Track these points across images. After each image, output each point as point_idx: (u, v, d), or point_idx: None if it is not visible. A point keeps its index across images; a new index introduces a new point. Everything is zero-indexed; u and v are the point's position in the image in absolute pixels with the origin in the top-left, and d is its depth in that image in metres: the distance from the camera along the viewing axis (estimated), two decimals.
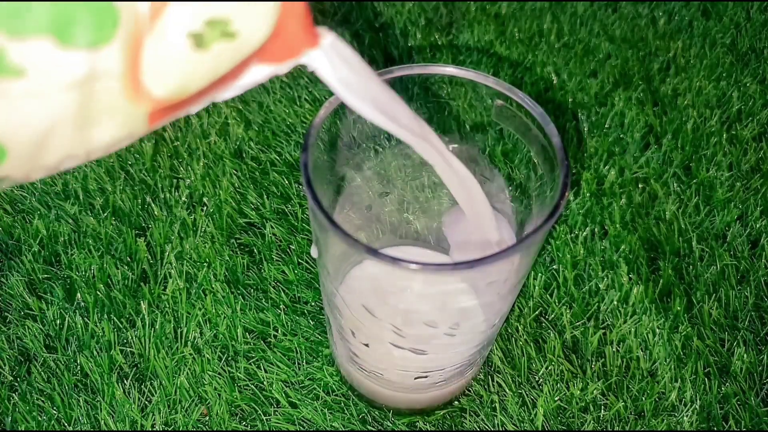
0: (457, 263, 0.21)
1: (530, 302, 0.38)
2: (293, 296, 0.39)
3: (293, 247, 0.40)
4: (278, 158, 0.45)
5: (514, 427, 0.34)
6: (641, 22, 0.55)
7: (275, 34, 0.17)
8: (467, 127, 0.28)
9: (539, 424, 0.34)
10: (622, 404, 0.34)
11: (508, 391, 0.35)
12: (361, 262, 0.30)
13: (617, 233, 0.41)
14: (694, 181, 0.44)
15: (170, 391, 0.35)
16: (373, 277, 0.25)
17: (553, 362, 0.36)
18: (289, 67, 0.18)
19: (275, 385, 0.35)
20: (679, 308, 0.38)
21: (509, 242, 0.29)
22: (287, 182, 0.44)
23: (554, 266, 0.40)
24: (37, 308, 0.38)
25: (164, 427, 0.34)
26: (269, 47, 0.17)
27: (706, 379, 0.35)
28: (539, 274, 0.39)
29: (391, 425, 0.34)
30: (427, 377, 0.31)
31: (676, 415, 0.34)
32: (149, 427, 0.34)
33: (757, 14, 0.56)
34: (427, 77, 0.26)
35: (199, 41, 0.15)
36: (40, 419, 0.34)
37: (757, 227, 0.42)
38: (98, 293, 0.38)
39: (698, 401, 0.35)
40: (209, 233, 0.41)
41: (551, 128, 0.24)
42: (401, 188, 0.32)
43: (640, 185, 0.44)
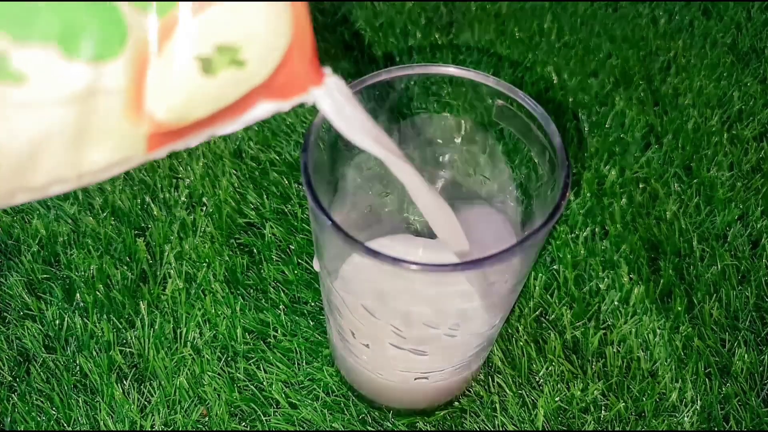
0: (457, 263, 0.21)
1: (531, 302, 0.38)
2: (293, 296, 0.38)
3: (293, 247, 0.40)
4: (278, 158, 0.45)
5: (514, 427, 0.34)
6: (642, 21, 0.55)
7: (282, 69, 0.17)
8: (467, 127, 0.28)
9: (540, 424, 0.34)
10: (622, 405, 0.34)
11: (508, 391, 0.35)
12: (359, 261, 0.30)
13: (618, 233, 0.41)
14: (694, 181, 0.44)
15: (170, 391, 0.35)
16: (372, 276, 0.25)
17: (553, 363, 0.36)
18: (292, 104, 0.18)
19: (275, 385, 0.35)
20: (679, 308, 0.38)
21: (509, 242, 0.29)
22: (287, 182, 0.44)
23: (555, 266, 0.40)
24: (36, 308, 0.37)
25: (163, 427, 0.34)
26: (275, 83, 0.17)
27: (706, 379, 0.35)
28: (540, 274, 0.39)
29: (391, 426, 0.34)
30: (427, 378, 0.31)
31: (676, 415, 0.34)
32: (149, 427, 0.34)
33: (757, 14, 0.55)
34: (427, 77, 0.26)
35: (207, 66, 0.15)
36: (39, 420, 0.34)
37: (757, 227, 0.41)
38: (97, 293, 0.38)
39: (699, 401, 0.35)
40: (209, 233, 0.41)
41: (552, 128, 0.24)
42: (401, 188, 0.32)
43: (640, 185, 0.44)
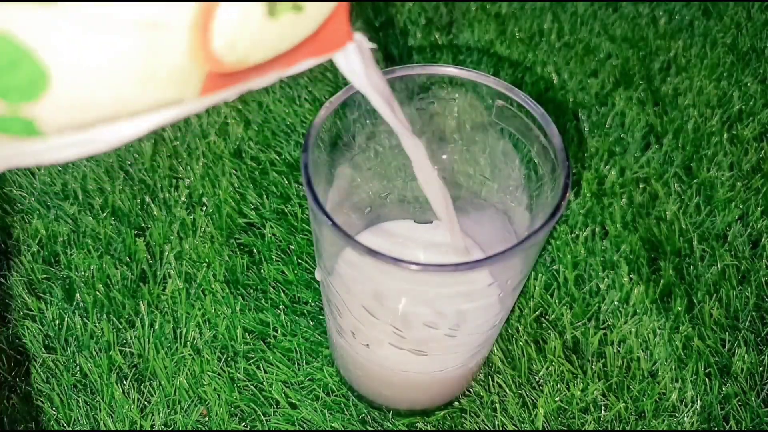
0: (457, 264, 0.21)
1: (530, 302, 0.38)
2: (293, 296, 0.38)
3: (293, 247, 0.40)
4: (278, 158, 0.45)
5: (514, 427, 0.34)
6: (642, 21, 0.55)
7: (329, 21, 0.17)
8: (468, 127, 0.28)
9: (540, 424, 0.34)
10: (622, 405, 0.34)
11: (508, 391, 0.35)
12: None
13: (618, 233, 0.41)
14: (694, 181, 0.44)
15: (169, 391, 0.35)
16: (372, 276, 0.25)
17: (553, 363, 0.36)
18: (325, 59, 0.19)
19: (275, 385, 0.35)
20: (679, 308, 0.38)
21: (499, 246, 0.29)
22: (287, 182, 0.43)
23: (555, 266, 0.40)
24: (36, 308, 0.37)
25: (163, 427, 0.34)
26: (319, 35, 0.17)
27: (706, 379, 0.35)
28: (539, 274, 0.39)
29: (391, 426, 0.34)
30: (427, 378, 0.31)
31: (676, 415, 0.34)
32: (148, 427, 0.34)
33: (757, 14, 0.55)
34: (428, 77, 0.26)
35: (272, 9, 0.15)
36: (39, 419, 0.34)
37: (758, 227, 0.41)
38: (97, 293, 0.38)
39: (699, 402, 0.35)
40: (208, 233, 0.41)
41: (552, 128, 0.24)
42: (401, 188, 0.32)
43: (640, 185, 0.44)
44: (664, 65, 0.52)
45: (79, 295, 0.38)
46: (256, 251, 0.40)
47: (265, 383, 0.35)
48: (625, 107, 0.48)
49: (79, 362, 0.36)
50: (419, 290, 0.25)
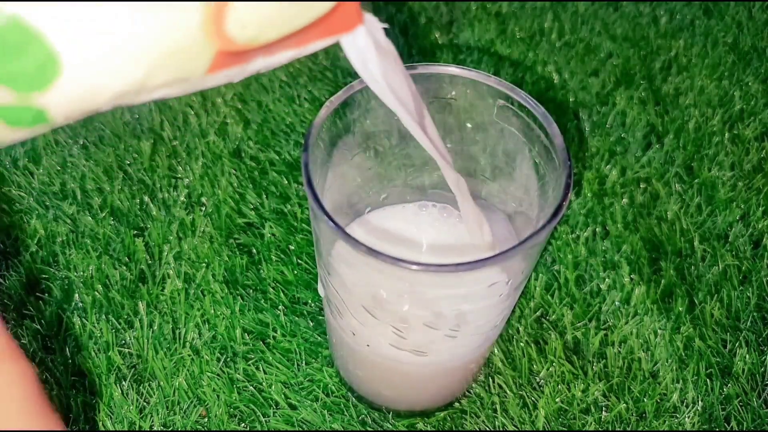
0: (458, 264, 0.21)
1: (531, 303, 0.38)
2: (292, 297, 0.38)
3: (292, 247, 0.40)
4: (277, 158, 0.45)
5: (514, 428, 0.34)
6: (643, 20, 0.55)
7: (342, 3, 0.17)
8: (468, 126, 0.28)
9: (540, 425, 0.34)
10: (623, 405, 0.34)
11: (508, 392, 0.35)
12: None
13: (619, 233, 0.41)
14: (696, 180, 0.44)
15: (168, 392, 0.35)
16: (372, 276, 0.24)
17: (554, 363, 0.36)
18: (334, 41, 0.18)
19: (274, 386, 0.35)
20: (680, 309, 0.38)
21: (508, 242, 0.29)
22: (286, 182, 0.43)
23: (555, 267, 0.39)
24: (35, 308, 0.37)
25: (162, 428, 0.34)
26: (331, 16, 0.17)
27: (707, 380, 0.35)
28: (540, 274, 0.39)
29: (390, 426, 0.34)
30: (428, 379, 0.31)
31: (677, 416, 0.34)
32: (147, 428, 0.34)
33: (759, 13, 0.55)
34: (428, 77, 0.26)
35: None
36: None
37: (759, 227, 0.41)
38: (96, 294, 0.38)
39: (700, 402, 0.34)
40: (208, 233, 0.41)
41: (554, 128, 0.24)
42: (401, 188, 0.31)
43: (641, 185, 0.44)
44: (665, 65, 0.51)
45: (77, 295, 0.38)
46: (255, 251, 0.40)
47: (264, 384, 0.35)
48: (626, 107, 0.48)
49: (77, 362, 0.35)
50: (419, 290, 0.25)
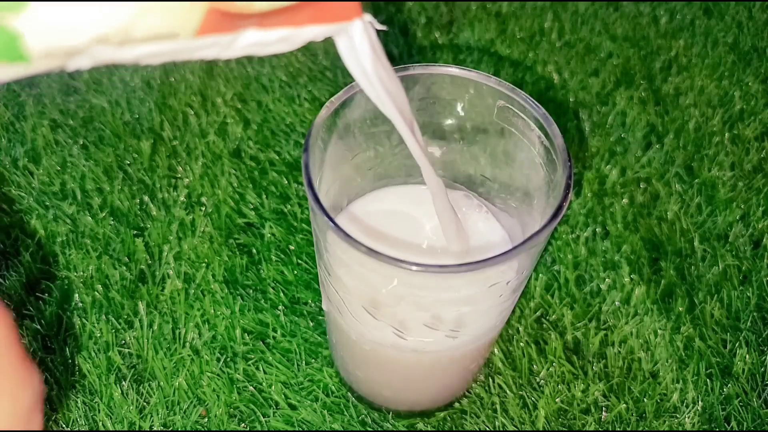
0: (459, 265, 0.21)
1: (531, 303, 0.38)
2: (292, 297, 0.38)
3: (292, 247, 0.40)
4: (277, 157, 0.45)
5: (515, 428, 0.34)
6: (643, 20, 0.55)
7: None
8: (468, 127, 0.28)
9: (540, 425, 0.34)
10: (623, 406, 0.34)
11: (509, 392, 0.35)
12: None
13: (619, 233, 0.41)
14: (696, 180, 0.44)
15: (168, 392, 0.35)
16: (373, 276, 0.24)
17: (554, 363, 0.36)
18: (331, 31, 0.18)
19: (274, 386, 0.35)
20: (680, 309, 0.38)
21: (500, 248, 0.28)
22: (286, 182, 0.43)
23: (555, 267, 0.39)
24: (34, 308, 0.37)
25: (162, 428, 0.34)
26: (327, 5, 0.17)
27: (707, 380, 0.35)
28: (540, 274, 0.39)
29: (390, 426, 0.34)
30: (428, 379, 0.31)
31: (677, 416, 0.34)
32: (147, 428, 0.34)
33: (759, 13, 0.55)
34: (428, 77, 0.26)
35: None
36: None
37: (759, 227, 0.41)
38: (96, 294, 0.38)
39: (700, 402, 0.34)
40: (208, 233, 0.41)
41: (554, 129, 0.23)
42: (403, 177, 0.31)
43: (641, 185, 0.43)
44: (665, 64, 0.51)
45: (77, 295, 0.38)
46: (255, 251, 0.40)
47: (264, 384, 0.35)
48: (626, 107, 0.48)
49: (77, 363, 0.35)
50: (419, 290, 0.25)
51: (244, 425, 0.34)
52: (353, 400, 0.35)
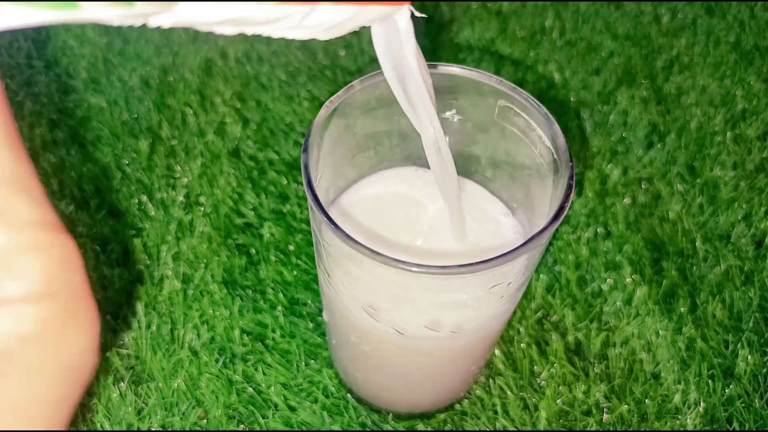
0: (460, 266, 0.21)
1: (532, 304, 0.38)
2: (292, 297, 0.38)
3: (291, 247, 0.40)
4: (276, 157, 0.44)
5: (515, 430, 0.34)
6: (644, 19, 0.54)
7: None
8: (469, 127, 0.27)
9: (541, 427, 0.34)
10: (625, 407, 0.34)
11: (509, 393, 0.35)
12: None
13: (620, 233, 0.41)
14: (698, 180, 0.43)
15: (167, 393, 0.34)
16: (373, 276, 0.24)
17: (555, 365, 0.35)
18: (381, 15, 0.19)
19: (273, 387, 0.35)
20: (683, 309, 0.37)
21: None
22: (285, 181, 0.43)
23: (557, 267, 0.39)
24: None
25: (161, 429, 0.33)
26: None
27: (710, 381, 0.35)
28: (541, 275, 0.39)
29: (390, 428, 0.34)
30: (428, 380, 0.31)
31: (679, 417, 0.34)
32: (146, 429, 0.33)
33: (761, 12, 0.55)
34: (429, 76, 0.25)
35: None
36: None
37: (761, 227, 0.41)
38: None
39: (702, 403, 0.34)
40: (206, 233, 0.40)
41: (556, 129, 0.23)
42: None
43: (643, 185, 0.43)
44: (666, 64, 0.51)
45: None
46: (254, 252, 0.40)
47: (263, 385, 0.35)
48: (627, 106, 0.48)
49: None
50: (420, 291, 0.25)
51: (243, 426, 0.34)
52: (353, 401, 0.35)
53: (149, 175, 0.43)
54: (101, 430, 0.33)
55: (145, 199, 0.42)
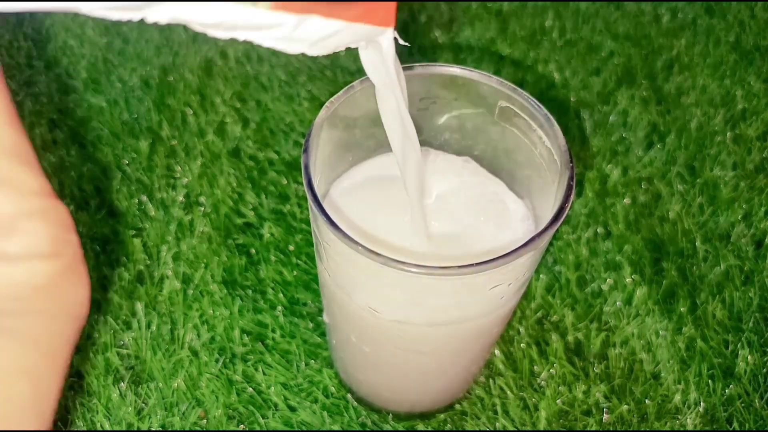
0: (460, 266, 0.21)
1: (532, 304, 0.38)
2: (291, 297, 0.38)
3: (291, 247, 0.40)
4: (276, 157, 0.44)
5: (515, 430, 0.34)
6: (644, 19, 0.54)
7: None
8: (469, 127, 0.27)
9: (541, 427, 0.34)
10: (625, 407, 0.34)
11: (509, 393, 0.35)
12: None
13: (620, 233, 0.41)
14: (698, 180, 0.43)
15: (167, 393, 0.34)
16: (374, 277, 0.24)
17: (555, 365, 0.35)
18: (368, 35, 0.20)
19: (273, 387, 0.35)
20: (682, 309, 0.37)
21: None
22: (285, 181, 0.43)
23: (556, 267, 0.39)
24: None
25: (161, 429, 0.33)
26: (376, 6, 0.19)
27: (709, 381, 0.35)
28: (541, 275, 0.39)
29: (390, 428, 0.34)
30: (428, 380, 0.31)
31: (679, 417, 0.34)
32: (146, 429, 0.33)
33: (761, 12, 0.55)
34: (429, 77, 0.25)
35: None
36: None
37: (761, 227, 0.41)
38: (94, 294, 0.37)
39: (702, 403, 0.34)
40: (206, 233, 0.40)
41: (556, 130, 0.23)
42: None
43: (643, 185, 0.43)
44: (666, 64, 0.51)
45: None
46: (254, 252, 0.40)
47: (263, 385, 0.35)
48: (627, 106, 0.48)
49: (75, 364, 0.35)
50: (420, 291, 0.25)
51: (243, 426, 0.34)
52: (353, 401, 0.35)
53: (149, 175, 0.43)
54: (101, 430, 0.33)
55: (145, 199, 0.42)
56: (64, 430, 0.33)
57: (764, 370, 0.35)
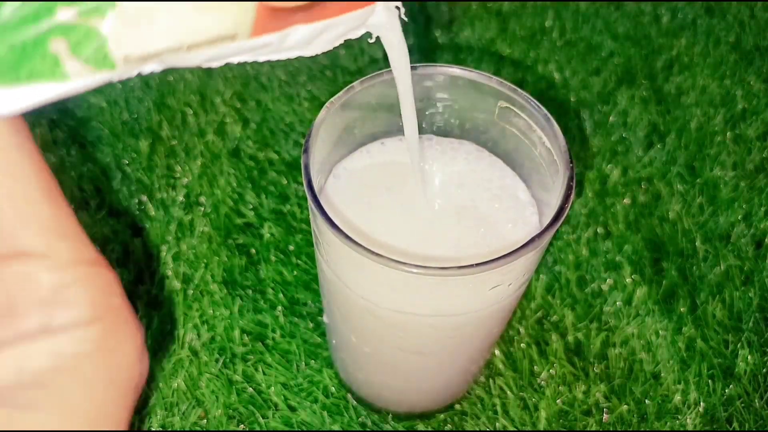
0: (460, 267, 0.21)
1: (532, 304, 0.38)
2: (292, 297, 0.38)
3: (291, 247, 0.40)
4: (276, 157, 0.44)
5: (515, 430, 0.34)
6: (644, 19, 0.54)
7: None
8: (469, 127, 0.27)
9: (541, 427, 0.34)
10: (625, 407, 0.34)
11: (509, 393, 0.35)
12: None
13: (620, 234, 0.41)
14: (698, 180, 0.43)
15: (167, 393, 0.34)
16: (374, 277, 0.24)
17: (555, 365, 0.35)
18: (358, 20, 0.20)
19: (273, 387, 0.35)
20: (682, 309, 0.37)
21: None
22: (285, 181, 0.43)
23: (556, 267, 0.39)
24: None
25: (161, 429, 0.33)
26: None
27: (709, 381, 0.35)
28: (541, 275, 0.39)
29: (390, 428, 0.34)
30: (428, 380, 0.31)
31: (679, 417, 0.34)
32: (146, 429, 0.33)
33: (761, 12, 0.55)
34: (429, 77, 0.25)
35: None
36: None
37: (761, 227, 0.41)
38: None
39: (702, 403, 0.34)
40: (206, 233, 0.40)
41: (556, 130, 0.23)
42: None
43: (643, 185, 0.43)
44: (666, 64, 0.51)
45: None
46: (254, 252, 0.40)
47: (263, 385, 0.35)
48: (627, 106, 0.48)
49: None
50: (420, 291, 0.25)
51: (243, 426, 0.34)
52: (353, 401, 0.35)
53: (149, 175, 0.43)
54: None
55: (145, 199, 0.42)
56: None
57: (764, 370, 0.35)
